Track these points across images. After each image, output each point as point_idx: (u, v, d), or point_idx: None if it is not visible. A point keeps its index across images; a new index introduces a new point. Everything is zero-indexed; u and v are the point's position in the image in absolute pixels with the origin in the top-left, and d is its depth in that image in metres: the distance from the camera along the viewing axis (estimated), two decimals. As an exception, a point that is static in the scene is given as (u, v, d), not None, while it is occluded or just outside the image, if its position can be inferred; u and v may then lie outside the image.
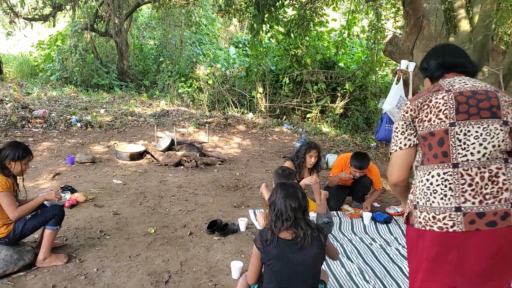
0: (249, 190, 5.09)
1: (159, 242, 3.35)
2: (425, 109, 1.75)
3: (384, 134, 4.64)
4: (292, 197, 2.22)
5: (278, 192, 2.26)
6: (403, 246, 3.44)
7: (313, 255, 2.19)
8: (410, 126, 1.78)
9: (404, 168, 1.82)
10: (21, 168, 2.87)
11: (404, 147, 1.79)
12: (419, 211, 1.72)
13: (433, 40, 4.43)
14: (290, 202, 2.20)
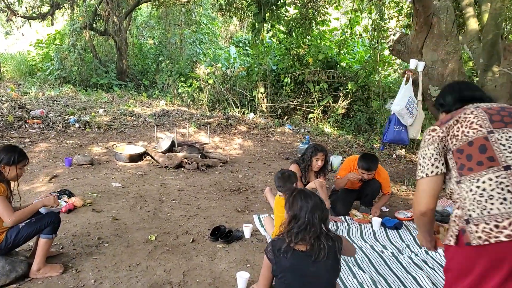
0: (252, 193, 4.94)
1: (160, 250, 3.19)
2: (455, 126, 1.71)
3: (392, 135, 4.49)
4: (317, 207, 2.07)
5: (300, 202, 2.09)
6: (416, 254, 3.28)
7: (328, 268, 2.04)
8: (440, 152, 1.73)
9: (433, 195, 1.73)
10: (16, 173, 2.71)
11: (431, 174, 1.72)
12: (474, 224, 1.56)
13: (443, 38, 4.28)
14: (317, 214, 2.04)
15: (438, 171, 1.71)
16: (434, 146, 1.73)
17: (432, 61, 4.39)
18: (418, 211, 1.78)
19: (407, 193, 5.14)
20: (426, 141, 1.78)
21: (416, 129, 4.52)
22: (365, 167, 3.93)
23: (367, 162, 3.95)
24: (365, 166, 3.93)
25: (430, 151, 1.74)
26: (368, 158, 4.01)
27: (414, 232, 3.78)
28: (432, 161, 1.72)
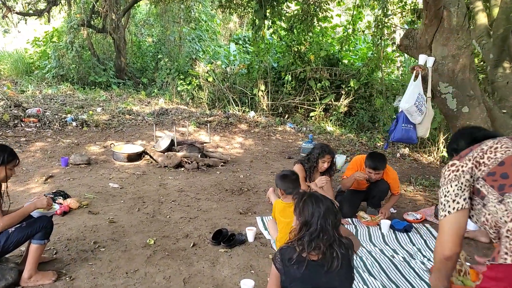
0: (254, 194, 4.77)
1: (160, 255, 3.02)
2: (479, 155, 1.68)
3: (400, 134, 4.32)
4: (330, 212, 1.90)
5: (311, 207, 1.92)
6: (428, 258, 3.12)
7: (342, 278, 1.87)
8: (462, 187, 1.65)
9: (458, 236, 1.65)
10: (5, 173, 2.53)
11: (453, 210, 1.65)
12: None
13: (454, 32, 4.10)
14: (330, 219, 1.88)
15: (459, 206, 1.64)
16: (456, 183, 1.67)
17: (442, 56, 4.22)
18: (442, 255, 1.68)
19: (415, 194, 4.98)
20: (446, 178, 1.71)
21: (425, 127, 4.36)
22: (373, 166, 3.77)
23: (374, 161, 3.79)
24: (372, 165, 3.77)
25: (452, 188, 1.68)
26: (375, 157, 3.84)
27: (425, 235, 3.62)
28: (453, 197, 1.66)
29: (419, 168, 6.81)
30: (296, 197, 2.05)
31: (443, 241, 1.66)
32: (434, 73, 4.27)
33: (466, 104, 4.26)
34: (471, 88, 4.23)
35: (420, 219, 3.95)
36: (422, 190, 5.09)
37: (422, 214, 4.04)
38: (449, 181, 1.69)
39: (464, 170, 1.66)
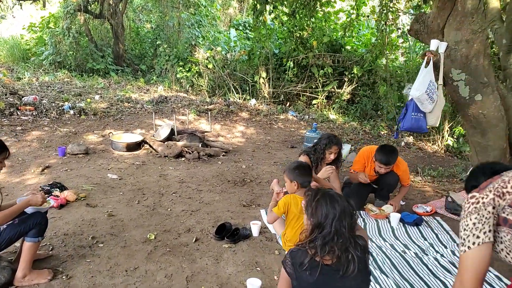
0: (257, 185, 4.62)
1: (161, 251, 2.88)
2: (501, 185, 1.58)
3: (410, 123, 4.14)
4: (346, 213, 1.75)
5: (325, 208, 1.76)
6: (441, 254, 2.99)
7: (358, 282, 1.73)
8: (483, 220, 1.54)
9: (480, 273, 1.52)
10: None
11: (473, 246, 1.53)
12: None
13: (468, 16, 3.90)
14: (346, 221, 1.72)
15: (480, 241, 1.52)
16: (476, 215, 1.56)
17: (455, 41, 4.02)
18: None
19: (423, 184, 4.83)
20: (466, 211, 1.59)
21: (435, 116, 4.18)
22: (384, 161, 3.59)
23: (386, 156, 3.61)
24: (383, 160, 3.59)
25: (471, 221, 1.56)
26: (387, 151, 3.66)
27: (436, 228, 3.49)
28: (473, 230, 1.54)
29: (424, 158, 6.67)
30: (308, 195, 1.89)
31: (463, 279, 1.53)
32: (447, 59, 4.08)
33: (479, 92, 4.08)
34: (485, 75, 4.04)
35: (430, 211, 3.81)
36: (431, 181, 4.94)
37: (432, 206, 3.90)
38: (468, 214, 1.57)
39: (485, 202, 1.56)
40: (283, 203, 2.86)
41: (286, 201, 2.86)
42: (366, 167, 3.88)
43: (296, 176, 2.88)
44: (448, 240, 3.25)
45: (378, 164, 3.63)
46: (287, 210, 2.84)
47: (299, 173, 2.89)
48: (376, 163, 3.65)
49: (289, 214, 2.86)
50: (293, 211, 2.82)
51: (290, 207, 2.83)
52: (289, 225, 2.86)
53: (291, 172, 2.91)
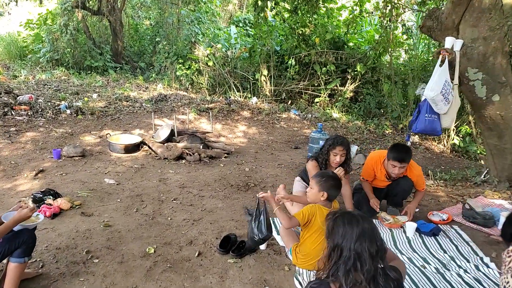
0: (262, 190, 4.39)
1: (161, 267, 2.67)
2: None
3: (424, 125, 3.94)
4: (366, 234, 1.53)
5: (342, 228, 1.54)
6: (464, 270, 2.77)
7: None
8: None
9: None
10: None
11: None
12: None
13: (486, 12, 3.69)
14: (366, 244, 1.50)
15: None
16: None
17: (471, 39, 3.81)
18: None
19: (436, 189, 4.61)
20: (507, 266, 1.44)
21: (450, 117, 3.97)
22: (399, 157, 3.34)
23: (400, 152, 3.37)
24: (398, 157, 3.34)
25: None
26: (400, 148, 3.44)
27: (456, 239, 3.27)
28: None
29: (433, 158, 6.45)
30: (329, 218, 1.67)
31: None
32: (463, 58, 3.87)
33: (496, 92, 3.87)
34: (503, 75, 3.84)
35: (447, 219, 3.59)
36: (443, 185, 4.72)
37: (448, 213, 3.68)
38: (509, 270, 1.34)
39: None
40: (308, 211, 2.62)
41: (312, 210, 2.62)
42: (376, 172, 3.65)
43: (329, 187, 2.68)
44: (470, 253, 3.03)
45: (392, 163, 3.38)
46: (309, 220, 2.61)
47: (333, 185, 2.70)
48: (390, 163, 3.41)
49: (312, 226, 2.62)
50: (317, 223, 2.57)
51: (316, 218, 2.60)
52: (309, 238, 2.62)
53: (323, 182, 2.70)
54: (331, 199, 2.70)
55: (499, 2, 3.71)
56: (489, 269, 2.76)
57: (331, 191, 2.66)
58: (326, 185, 2.66)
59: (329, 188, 2.65)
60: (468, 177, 4.91)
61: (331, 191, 2.66)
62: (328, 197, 2.67)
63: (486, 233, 3.40)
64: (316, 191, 2.68)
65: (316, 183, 2.70)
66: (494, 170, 4.41)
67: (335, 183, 2.69)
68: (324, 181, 2.67)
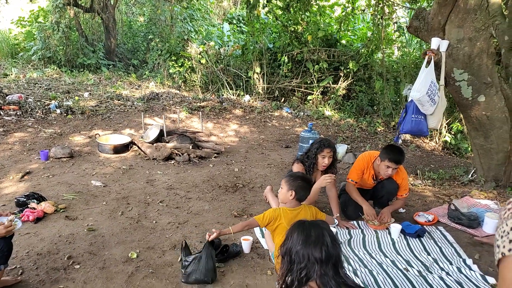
0: (250, 191, 4.40)
1: (143, 273, 2.65)
2: None
3: (410, 126, 3.94)
4: (315, 242, 1.52)
5: (295, 235, 1.55)
6: (447, 272, 2.77)
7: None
8: None
9: None
10: None
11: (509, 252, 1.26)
12: None
13: (471, 13, 3.68)
14: (313, 251, 1.50)
15: None
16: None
17: (457, 39, 3.80)
18: None
19: (423, 188, 4.62)
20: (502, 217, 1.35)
21: (437, 118, 3.97)
22: (395, 159, 3.33)
23: (396, 154, 3.36)
24: (395, 159, 3.33)
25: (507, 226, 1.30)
26: (395, 149, 3.42)
27: (440, 241, 3.27)
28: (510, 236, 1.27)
29: (423, 157, 6.46)
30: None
31: None
32: (448, 58, 3.86)
33: (482, 93, 3.87)
34: (489, 75, 3.84)
35: (432, 220, 3.60)
36: (431, 185, 4.73)
37: (434, 214, 3.69)
38: (504, 220, 1.31)
39: None
40: (270, 214, 2.64)
41: (275, 214, 2.64)
42: (364, 174, 3.65)
43: (297, 187, 2.69)
44: (453, 255, 3.04)
45: (387, 163, 3.36)
46: (273, 223, 2.63)
47: (301, 185, 2.71)
48: (384, 164, 3.39)
49: (281, 230, 2.60)
50: (284, 226, 2.56)
51: (281, 221, 2.61)
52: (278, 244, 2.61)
53: (293, 181, 2.72)
54: (299, 199, 2.70)
55: (484, 3, 3.70)
56: (471, 271, 2.77)
57: (299, 191, 2.67)
58: (294, 184, 2.68)
59: (297, 187, 2.67)
60: (456, 176, 4.91)
61: (299, 190, 2.67)
62: (296, 196, 2.68)
63: (470, 234, 3.41)
64: (285, 190, 2.71)
65: (285, 182, 2.73)
66: (481, 170, 4.43)
67: (304, 184, 2.70)
68: (293, 180, 2.70)
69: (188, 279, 2.50)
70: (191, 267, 2.49)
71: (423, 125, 3.94)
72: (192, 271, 2.48)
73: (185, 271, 2.52)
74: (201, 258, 2.49)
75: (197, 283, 2.50)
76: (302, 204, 2.77)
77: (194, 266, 2.49)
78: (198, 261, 2.49)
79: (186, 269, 2.51)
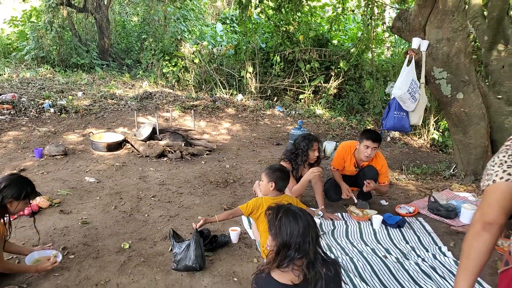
0: (240, 186, 4.55)
1: (135, 261, 2.79)
2: None
3: (392, 122, 4.11)
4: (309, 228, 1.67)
5: (289, 226, 1.69)
6: (422, 259, 2.94)
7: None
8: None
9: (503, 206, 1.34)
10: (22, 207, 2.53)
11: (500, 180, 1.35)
12: None
13: (449, 14, 3.84)
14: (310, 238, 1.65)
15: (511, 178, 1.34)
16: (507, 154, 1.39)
17: (436, 39, 3.97)
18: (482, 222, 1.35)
19: (407, 183, 4.79)
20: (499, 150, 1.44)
21: (418, 115, 4.14)
22: (372, 137, 3.59)
23: (372, 133, 3.65)
24: (372, 137, 3.59)
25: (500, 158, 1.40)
26: (372, 131, 3.73)
27: (419, 230, 3.44)
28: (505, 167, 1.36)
29: (410, 153, 6.64)
30: (269, 214, 1.81)
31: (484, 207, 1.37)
32: (428, 58, 4.03)
33: (460, 90, 4.05)
34: (466, 73, 4.01)
35: (413, 212, 3.77)
36: (414, 179, 4.91)
37: (415, 206, 3.86)
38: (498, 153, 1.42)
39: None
40: (253, 203, 2.82)
41: (258, 202, 2.82)
42: (346, 162, 3.86)
43: (276, 178, 2.85)
44: (430, 243, 3.21)
45: (365, 143, 3.60)
46: (256, 212, 2.79)
47: (279, 176, 2.86)
48: (363, 144, 3.63)
49: (261, 217, 2.75)
50: None
51: (262, 209, 2.77)
52: (263, 231, 2.76)
53: (271, 173, 2.88)
54: (279, 189, 2.86)
55: (461, 5, 3.87)
56: (446, 257, 2.94)
57: (278, 181, 2.82)
58: (273, 176, 2.84)
59: (276, 178, 2.82)
60: (439, 171, 5.09)
61: (278, 181, 2.82)
62: (276, 187, 2.83)
63: (447, 224, 3.58)
64: (266, 182, 2.87)
65: (265, 175, 2.88)
66: (461, 164, 4.60)
67: (282, 175, 2.86)
68: (272, 172, 2.86)
69: (177, 266, 2.64)
70: (180, 255, 2.63)
71: (405, 121, 4.11)
72: (181, 259, 2.62)
73: (175, 259, 2.66)
74: (190, 246, 2.63)
75: (186, 270, 2.64)
76: (284, 194, 2.92)
77: (183, 254, 2.63)
78: (187, 249, 2.63)
79: (176, 257, 2.65)
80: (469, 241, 1.38)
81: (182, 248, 2.66)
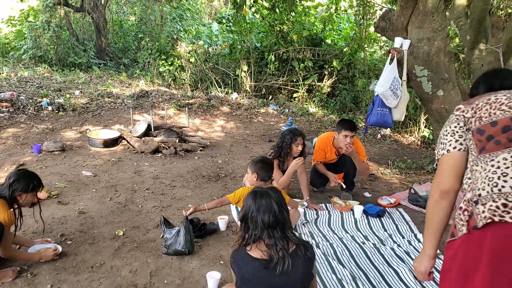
0: (231, 180, 4.73)
1: (128, 247, 2.98)
2: (483, 107, 1.52)
3: (376, 118, 4.30)
4: (265, 210, 1.85)
5: (249, 201, 1.89)
6: (398, 244, 3.13)
7: (300, 277, 1.84)
8: (463, 129, 1.55)
9: (457, 174, 1.52)
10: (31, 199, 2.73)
11: (453, 149, 1.53)
12: (481, 204, 1.38)
13: (429, 15, 4.03)
14: (262, 217, 1.83)
15: (462, 148, 1.52)
16: (455, 124, 1.56)
17: (417, 39, 4.17)
18: (440, 191, 1.53)
19: (391, 177, 4.99)
20: (450, 120, 1.61)
21: (400, 111, 4.33)
22: (349, 127, 3.84)
23: (350, 122, 3.92)
24: (349, 126, 3.84)
25: (452, 128, 1.57)
26: (348, 120, 4.04)
27: (397, 220, 3.64)
28: (456, 137, 1.54)
29: (398, 150, 6.84)
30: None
31: (441, 177, 1.54)
32: (410, 56, 4.23)
33: (440, 87, 4.24)
34: (446, 71, 4.20)
35: (394, 203, 3.97)
36: (399, 173, 5.11)
37: (396, 198, 4.06)
38: (450, 123, 1.58)
39: (466, 116, 1.55)
40: (240, 192, 3.05)
41: (244, 192, 3.01)
42: (327, 153, 4.07)
43: (258, 169, 3.03)
44: (407, 231, 3.40)
45: (344, 133, 3.83)
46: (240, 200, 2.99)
47: (261, 167, 3.04)
48: (342, 134, 3.86)
49: None
50: None
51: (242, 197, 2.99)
52: None
53: (254, 164, 3.07)
54: (263, 179, 3.03)
55: (441, 6, 4.06)
56: (420, 243, 3.13)
57: (260, 171, 3.01)
58: (256, 167, 3.02)
59: (258, 169, 3.01)
60: (423, 166, 5.29)
61: (261, 171, 3.01)
62: (259, 177, 3.01)
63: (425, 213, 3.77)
64: (250, 173, 3.06)
65: (249, 167, 3.08)
66: (443, 159, 4.79)
67: (264, 165, 3.04)
68: (254, 164, 3.05)
69: (168, 250, 2.83)
70: (170, 240, 2.82)
71: (388, 117, 4.30)
72: (172, 244, 2.81)
73: (165, 244, 2.85)
74: (180, 232, 2.82)
75: (176, 254, 2.83)
76: (269, 184, 3.10)
77: (173, 239, 2.82)
78: (177, 234, 2.82)
79: (166, 242, 2.84)
80: (431, 208, 1.60)
81: (173, 233, 2.84)
